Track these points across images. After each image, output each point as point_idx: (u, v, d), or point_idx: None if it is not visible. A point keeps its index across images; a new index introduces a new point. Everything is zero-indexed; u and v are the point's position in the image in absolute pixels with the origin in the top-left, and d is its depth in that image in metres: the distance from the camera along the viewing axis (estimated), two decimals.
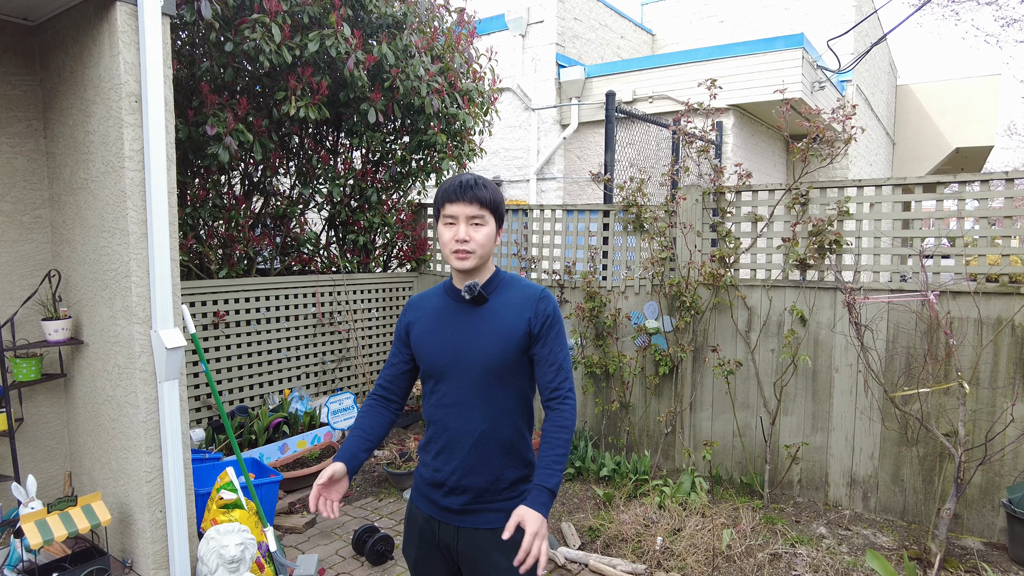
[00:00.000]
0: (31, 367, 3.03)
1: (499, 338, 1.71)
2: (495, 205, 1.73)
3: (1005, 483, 3.36)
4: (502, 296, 1.77)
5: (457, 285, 1.79)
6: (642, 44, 10.56)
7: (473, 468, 1.71)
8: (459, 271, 1.74)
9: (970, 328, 3.43)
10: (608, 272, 4.67)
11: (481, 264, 1.74)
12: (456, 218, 1.70)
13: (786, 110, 4.04)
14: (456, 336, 1.74)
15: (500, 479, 1.73)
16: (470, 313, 1.75)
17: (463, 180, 1.71)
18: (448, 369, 1.73)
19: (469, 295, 1.73)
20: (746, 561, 3.20)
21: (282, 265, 4.98)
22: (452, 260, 1.72)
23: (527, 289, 1.79)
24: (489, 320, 1.74)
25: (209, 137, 3.82)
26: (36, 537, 2.50)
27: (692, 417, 4.34)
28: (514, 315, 1.73)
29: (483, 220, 1.71)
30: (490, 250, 1.75)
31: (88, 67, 2.75)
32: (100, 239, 2.82)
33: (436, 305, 1.82)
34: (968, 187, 3.50)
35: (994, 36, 20.95)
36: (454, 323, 1.76)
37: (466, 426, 1.72)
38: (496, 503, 1.72)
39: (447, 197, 1.71)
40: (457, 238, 1.69)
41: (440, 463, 1.75)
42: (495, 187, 1.76)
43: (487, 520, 1.71)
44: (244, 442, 4.01)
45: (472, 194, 1.69)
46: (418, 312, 1.84)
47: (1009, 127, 22.40)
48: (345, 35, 4.10)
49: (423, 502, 1.80)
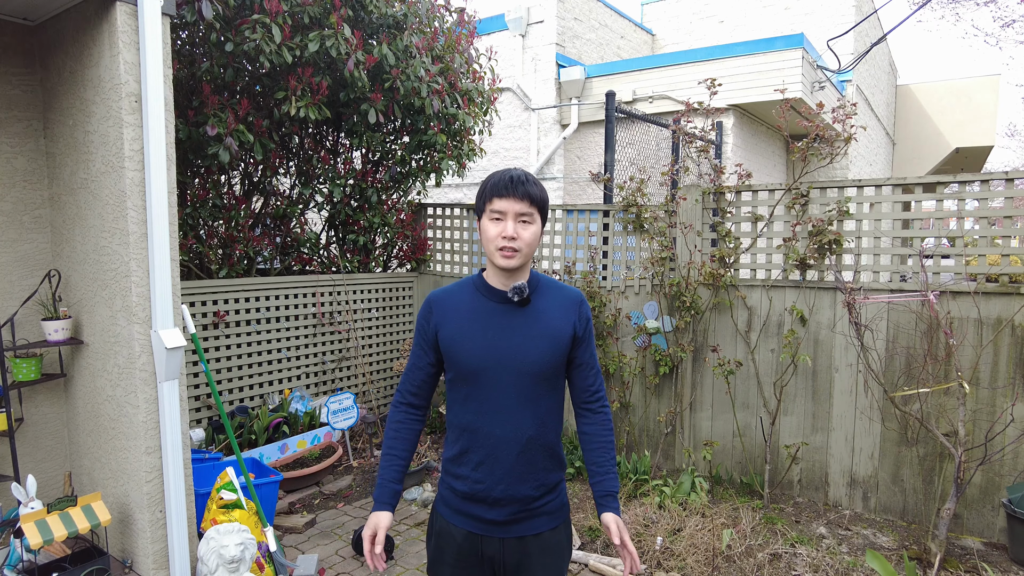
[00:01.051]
0: (31, 367, 3.03)
1: (548, 340, 1.66)
2: (543, 203, 1.66)
3: (1005, 483, 3.36)
4: (544, 298, 1.72)
5: (493, 283, 1.70)
6: (642, 44, 10.56)
7: (521, 476, 1.66)
8: (502, 269, 1.65)
9: (970, 328, 3.43)
10: (608, 272, 4.67)
11: (524, 264, 1.67)
12: (504, 214, 1.61)
13: (786, 110, 4.04)
14: (499, 338, 1.65)
15: (545, 484, 1.70)
16: (513, 315, 1.67)
17: (514, 175, 1.63)
18: (490, 373, 1.64)
19: (519, 297, 1.66)
20: (746, 561, 3.20)
21: (282, 265, 4.98)
22: (496, 257, 1.63)
23: (567, 291, 1.76)
24: (536, 322, 1.67)
25: (209, 137, 3.82)
26: (36, 537, 2.50)
27: (692, 417, 4.34)
28: (560, 318, 1.70)
29: (531, 218, 1.64)
30: (534, 250, 1.67)
31: (88, 67, 2.75)
32: (100, 239, 2.82)
33: (469, 305, 1.70)
34: (968, 187, 3.50)
35: (994, 36, 20.98)
36: (495, 325, 1.66)
37: (513, 432, 1.64)
38: (542, 508, 1.70)
39: (496, 191, 1.62)
40: (504, 235, 1.60)
41: (483, 474, 1.66)
42: (542, 185, 1.68)
43: (534, 526, 1.68)
44: (244, 442, 4.00)
45: (523, 190, 1.61)
46: (446, 312, 1.72)
47: (1009, 127, 22.40)
48: (345, 35, 4.10)
49: (460, 518, 1.70)
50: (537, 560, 1.68)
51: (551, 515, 1.71)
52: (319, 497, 4.12)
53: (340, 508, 3.98)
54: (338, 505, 4.02)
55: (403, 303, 5.66)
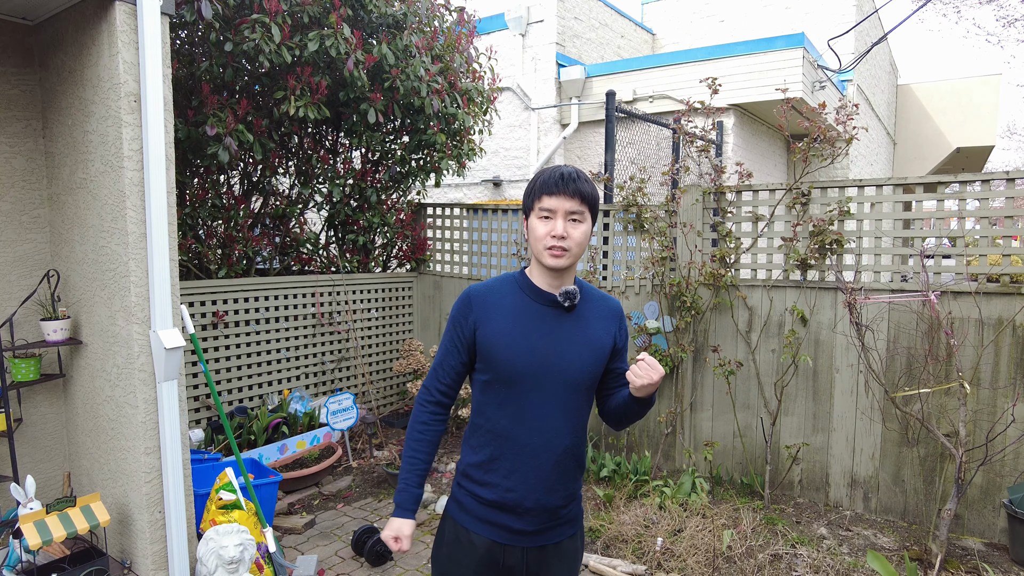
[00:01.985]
0: (30, 367, 3.03)
1: (591, 350, 1.62)
2: (594, 202, 1.60)
3: (1006, 483, 3.36)
4: (588, 305, 1.67)
5: (539, 284, 1.63)
6: (642, 43, 10.55)
7: (554, 486, 1.61)
8: (550, 269, 1.59)
9: (971, 328, 3.42)
10: (608, 272, 4.66)
11: (573, 264, 1.61)
12: (554, 212, 1.55)
13: (787, 109, 4.03)
14: (544, 342, 1.59)
15: (572, 493, 1.67)
16: (558, 319, 1.61)
17: (564, 172, 1.57)
18: (532, 378, 1.58)
19: (569, 302, 1.61)
20: (747, 562, 3.19)
21: (281, 265, 4.98)
22: (544, 257, 1.57)
23: (609, 302, 1.72)
24: (581, 330, 1.63)
25: (209, 137, 3.81)
26: (35, 538, 2.49)
27: (692, 417, 4.33)
28: (602, 328, 1.66)
29: (582, 217, 1.57)
30: (584, 250, 1.61)
31: (87, 66, 2.75)
32: (99, 239, 2.81)
33: (512, 304, 1.63)
34: (969, 187, 3.49)
35: (995, 35, 20.96)
36: (540, 329, 1.60)
37: (550, 441, 1.59)
38: (565, 517, 1.67)
39: (546, 189, 1.57)
40: (554, 233, 1.54)
41: (514, 483, 1.59)
42: (593, 182, 1.64)
43: (557, 535, 1.66)
44: (243, 443, 4.00)
45: (575, 187, 1.55)
46: (486, 309, 1.63)
47: (1009, 127, 22.39)
48: (345, 35, 4.09)
49: (484, 526, 1.62)
50: (555, 568, 1.67)
51: (571, 523, 1.69)
52: (318, 498, 4.11)
53: (339, 509, 3.98)
54: (337, 506, 4.01)
55: (403, 303, 5.65)
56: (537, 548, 1.63)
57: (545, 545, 1.64)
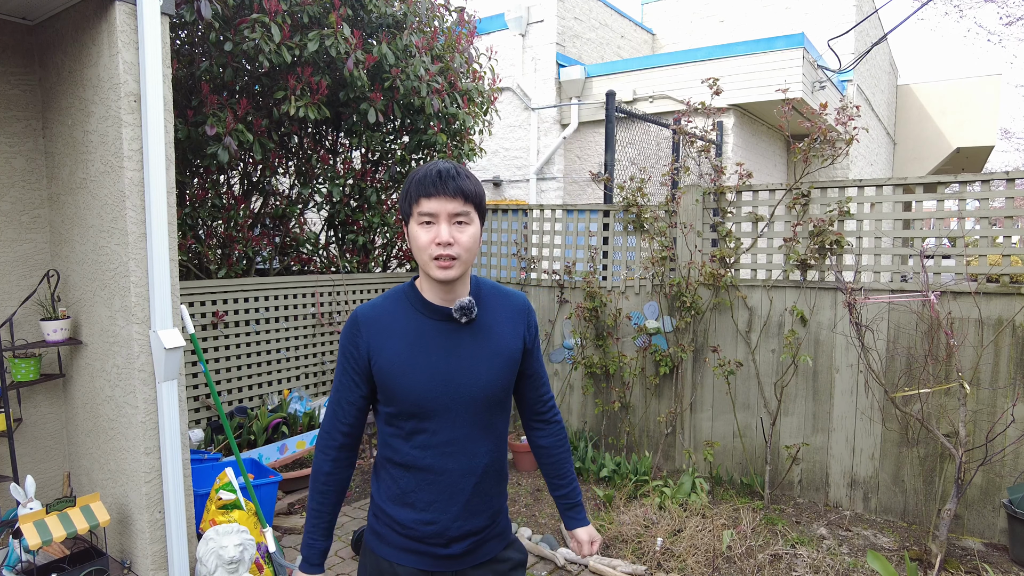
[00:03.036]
0: (29, 367, 3.03)
1: (501, 360, 1.50)
2: (480, 199, 1.43)
3: (1006, 484, 3.36)
4: (489, 311, 1.52)
5: (431, 299, 1.47)
6: (642, 44, 10.55)
7: (476, 508, 1.51)
8: (440, 282, 1.43)
9: (971, 328, 3.42)
10: (608, 272, 4.66)
11: (465, 272, 1.45)
12: (436, 216, 1.38)
13: (788, 110, 4.03)
14: (446, 363, 1.44)
15: (500, 510, 1.58)
16: (459, 334, 1.47)
17: (441, 168, 1.38)
18: (439, 403, 1.44)
19: (467, 318, 1.45)
20: (746, 562, 3.20)
21: (281, 265, 4.98)
22: (432, 269, 1.40)
23: (512, 298, 1.58)
24: (485, 340, 1.49)
25: (208, 137, 3.81)
26: (35, 538, 2.49)
27: (692, 418, 4.33)
28: (509, 332, 1.53)
29: (468, 218, 1.40)
30: (475, 255, 1.45)
31: (87, 66, 2.75)
32: (99, 239, 2.81)
33: (406, 325, 1.46)
34: (969, 187, 3.49)
35: (996, 34, 20.96)
36: (440, 348, 1.45)
37: (467, 464, 1.48)
38: (493, 533, 1.58)
39: (423, 190, 1.38)
40: (439, 240, 1.37)
41: (435, 514, 1.47)
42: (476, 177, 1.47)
43: (486, 552, 1.56)
44: (243, 443, 4.00)
45: (455, 185, 1.37)
46: (378, 334, 1.46)
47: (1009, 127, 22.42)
48: (345, 35, 4.09)
49: (408, 556, 1.49)
50: None
51: (501, 536, 1.60)
52: None
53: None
54: None
55: None
56: (471, 567, 1.53)
57: (480, 563, 1.54)
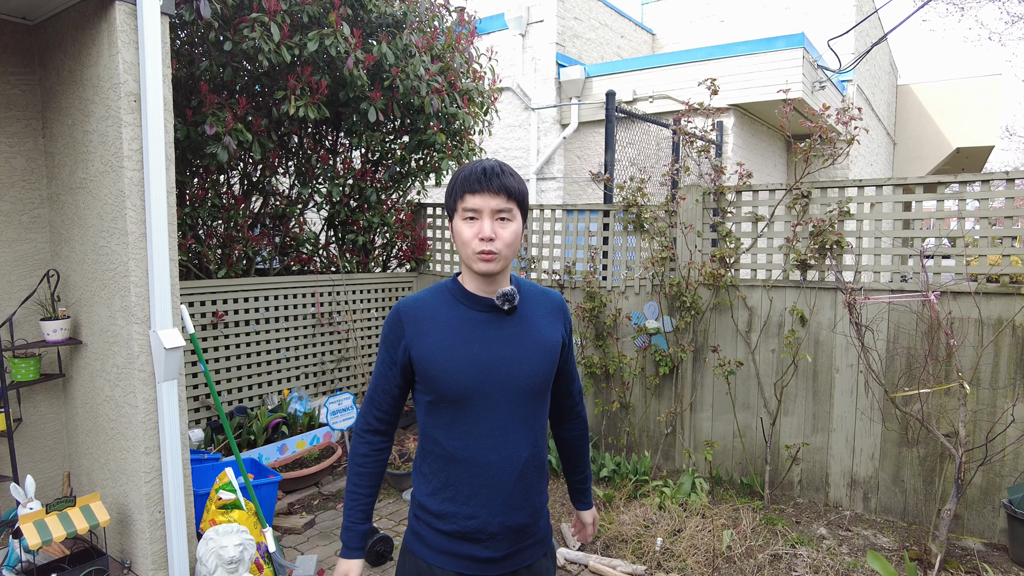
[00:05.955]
0: (29, 367, 3.03)
1: (542, 351, 1.51)
2: (523, 196, 1.47)
3: (1006, 484, 3.36)
4: (529, 303, 1.56)
5: (472, 290, 1.51)
6: (642, 44, 10.55)
7: (518, 504, 1.49)
8: (482, 275, 1.47)
9: (971, 328, 3.42)
10: (608, 272, 4.66)
11: (506, 267, 1.49)
12: (479, 212, 1.42)
13: (788, 110, 4.03)
14: (487, 351, 1.46)
15: (537, 508, 1.55)
16: (501, 325, 1.49)
17: (487, 166, 1.43)
18: (479, 392, 1.45)
19: (509, 305, 1.48)
20: (746, 562, 3.20)
21: (281, 265, 4.97)
22: (475, 263, 1.44)
23: (550, 295, 1.62)
24: (527, 332, 1.51)
25: (208, 137, 3.81)
26: (35, 538, 2.49)
27: (692, 418, 4.33)
28: (549, 325, 1.55)
29: (511, 215, 1.44)
30: (517, 251, 1.48)
31: (87, 66, 2.75)
32: (99, 239, 2.81)
33: (448, 315, 1.49)
34: (969, 187, 3.49)
35: (997, 33, 21.00)
36: (482, 337, 1.47)
37: (509, 457, 1.47)
38: (535, 536, 1.56)
39: (468, 187, 1.42)
40: (482, 236, 1.41)
41: (475, 508, 1.46)
42: (520, 176, 1.51)
43: (527, 558, 1.54)
44: (243, 442, 4.00)
45: (499, 183, 1.41)
46: (419, 324, 1.49)
47: (1009, 127, 22.42)
48: (345, 34, 4.09)
49: (448, 559, 1.48)
50: None
51: (542, 542, 1.59)
52: (318, 498, 4.11)
53: (339, 509, 3.98)
54: (337, 506, 4.01)
55: None
56: (509, 573, 1.52)
57: (517, 569, 1.53)
